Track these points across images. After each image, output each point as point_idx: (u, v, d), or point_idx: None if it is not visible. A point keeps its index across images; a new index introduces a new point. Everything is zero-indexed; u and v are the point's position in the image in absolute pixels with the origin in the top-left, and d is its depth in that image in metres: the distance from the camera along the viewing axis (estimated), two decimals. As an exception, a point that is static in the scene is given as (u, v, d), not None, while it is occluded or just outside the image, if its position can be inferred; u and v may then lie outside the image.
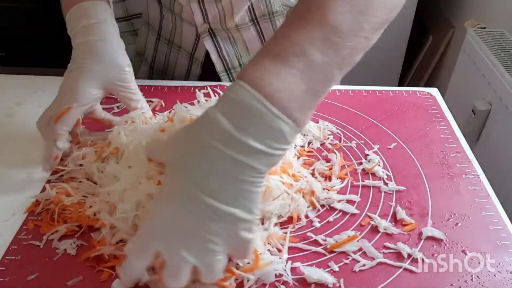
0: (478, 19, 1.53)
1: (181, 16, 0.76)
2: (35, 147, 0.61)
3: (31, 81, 0.78)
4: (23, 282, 0.45)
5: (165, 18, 0.79)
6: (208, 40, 0.76)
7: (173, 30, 0.79)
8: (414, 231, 0.52)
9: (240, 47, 0.78)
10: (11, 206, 0.54)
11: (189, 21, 0.76)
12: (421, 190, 0.58)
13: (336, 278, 0.46)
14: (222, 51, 0.77)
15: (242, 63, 0.79)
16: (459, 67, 1.40)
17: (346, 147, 0.65)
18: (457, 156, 0.63)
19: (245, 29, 0.76)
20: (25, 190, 0.56)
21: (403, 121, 0.70)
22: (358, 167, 0.61)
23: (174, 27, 0.79)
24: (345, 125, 0.68)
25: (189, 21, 0.76)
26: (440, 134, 0.67)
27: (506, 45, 1.25)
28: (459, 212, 0.55)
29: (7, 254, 0.48)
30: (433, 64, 1.85)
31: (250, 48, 0.78)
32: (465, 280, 0.47)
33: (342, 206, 0.55)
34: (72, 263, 0.47)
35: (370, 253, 0.49)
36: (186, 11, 0.74)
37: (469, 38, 1.32)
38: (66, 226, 0.50)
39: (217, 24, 0.74)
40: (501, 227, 0.53)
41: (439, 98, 0.76)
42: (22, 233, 0.50)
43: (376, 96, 0.76)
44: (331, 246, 0.50)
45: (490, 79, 1.19)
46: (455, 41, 1.73)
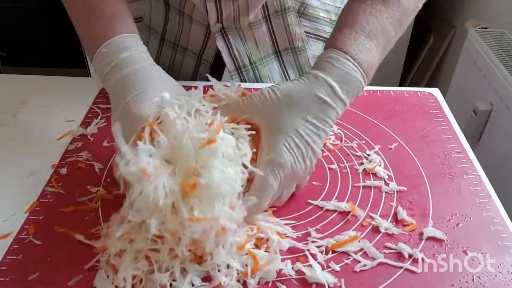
0: (479, 19, 1.53)
1: (191, 16, 0.76)
2: (37, 147, 0.62)
3: (35, 81, 0.78)
4: (24, 281, 0.45)
5: (170, 20, 0.79)
6: (220, 39, 0.75)
7: (179, 32, 0.79)
8: (415, 231, 0.52)
9: (251, 45, 0.78)
10: (12, 206, 0.54)
11: (200, 21, 0.75)
12: (422, 190, 0.58)
13: (337, 278, 0.46)
14: (233, 50, 0.77)
15: (253, 61, 0.79)
16: (460, 67, 1.40)
17: (347, 147, 0.65)
18: (458, 156, 0.63)
19: (257, 27, 0.76)
20: (26, 190, 0.56)
21: (404, 121, 0.70)
22: (359, 167, 0.61)
23: (181, 29, 0.78)
24: (346, 125, 0.68)
25: (199, 21, 0.76)
26: (441, 134, 0.67)
27: (507, 45, 1.24)
28: (460, 212, 0.55)
29: (8, 253, 0.48)
30: (434, 64, 1.85)
31: (260, 45, 0.78)
32: (466, 280, 0.47)
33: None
34: (73, 263, 0.47)
35: (371, 253, 0.49)
36: (198, 11, 0.74)
37: (470, 38, 1.32)
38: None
39: (230, 23, 0.74)
40: (502, 227, 0.53)
41: (440, 98, 0.76)
42: (23, 233, 0.50)
43: (377, 96, 0.76)
44: (332, 246, 0.50)
45: (491, 79, 1.19)
46: (456, 41, 1.73)
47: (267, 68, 0.80)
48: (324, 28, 0.80)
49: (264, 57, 0.79)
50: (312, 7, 0.77)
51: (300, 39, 0.78)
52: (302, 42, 0.78)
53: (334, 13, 0.79)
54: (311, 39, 0.80)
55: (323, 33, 0.80)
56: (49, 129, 0.66)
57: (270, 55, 0.79)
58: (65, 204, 0.54)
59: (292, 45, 0.79)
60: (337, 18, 0.74)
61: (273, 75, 0.81)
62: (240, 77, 0.79)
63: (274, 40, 0.78)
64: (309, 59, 0.80)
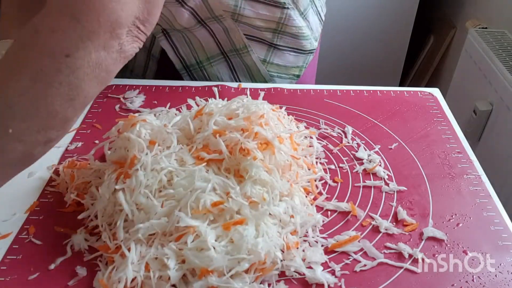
0: (480, 19, 1.53)
1: None
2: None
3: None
4: (24, 281, 0.45)
5: None
6: (163, 40, 0.76)
7: None
8: (415, 231, 0.52)
9: (196, 46, 0.78)
10: (12, 206, 0.54)
11: None
12: (422, 190, 0.58)
13: (337, 278, 0.46)
14: (179, 50, 0.77)
15: (199, 61, 0.79)
16: (461, 68, 1.40)
17: (347, 147, 0.65)
18: (458, 157, 0.63)
19: (196, 30, 0.75)
20: (26, 190, 0.56)
21: (404, 121, 0.70)
22: (359, 167, 0.61)
23: None
24: (346, 125, 0.68)
25: None
26: (441, 135, 0.67)
27: (508, 45, 1.24)
28: (460, 212, 0.55)
29: (8, 253, 0.48)
30: (434, 64, 1.84)
31: (206, 46, 0.78)
32: (466, 280, 0.47)
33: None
34: (73, 263, 0.47)
35: (371, 253, 0.49)
36: None
37: (471, 38, 1.32)
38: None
39: (167, 25, 0.74)
40: (502, 227, 0.53)
41: (440, 98, 0.76)
42: (23, 233, 0.50)
43: (377, 96, 0.76)
44: (332, 246, 0.50)
45: (491, 80, 1.19)
46: (456, 41, 1.73)
47: (215, 68, 0.80)
48: (265, 34, 0.76)
49: (210, 58, 0.79)
50: (245, 17, 0.73)
51: (241, 42, 0.76)
52: (244, 45, 0.77)
53: (275, 22, 0.75)
54: (253, 42, 0.77)
55: (265, 38, 0.77)
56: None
57: (217, 55, 0.79)
58: (65, 204, 0.54)
59: (235, 47, 0.78)
60: (282, 28, 0.75)
61: (222, 75, 0.81)
62: (189, 75, 0.80)
63: (218, 42, 0.77)
64: (254, 61, 0.78)
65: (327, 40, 1.74)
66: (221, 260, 0.44)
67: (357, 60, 1.81)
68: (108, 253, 0.47)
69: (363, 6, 1.69)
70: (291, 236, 0.49)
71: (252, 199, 0.48)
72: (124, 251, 0.45)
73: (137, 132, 0.53)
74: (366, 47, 1.78)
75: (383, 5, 1.69)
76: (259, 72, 0.79)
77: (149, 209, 0.47)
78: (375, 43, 1.77)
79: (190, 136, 0.56)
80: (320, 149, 0.64)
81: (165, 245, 0.46)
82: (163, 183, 0.49)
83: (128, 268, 0.44)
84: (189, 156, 0.52)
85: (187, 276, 0.45)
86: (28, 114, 0.42)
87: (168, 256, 0.45)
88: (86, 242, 0.49)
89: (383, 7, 1.70)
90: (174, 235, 0.46)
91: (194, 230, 0.45)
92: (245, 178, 0.50)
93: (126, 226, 0.48)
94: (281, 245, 0.47)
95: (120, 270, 0.44)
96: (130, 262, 0.44)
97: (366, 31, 1.74)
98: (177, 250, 0.45)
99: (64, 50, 0.42)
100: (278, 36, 0.76)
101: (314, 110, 0.71)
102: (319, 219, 0.52)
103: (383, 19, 1.72)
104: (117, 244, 0.46)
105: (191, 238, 0.45)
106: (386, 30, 1.74)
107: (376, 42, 1.77)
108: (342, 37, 1.74)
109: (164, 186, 0.49)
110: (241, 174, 0.51)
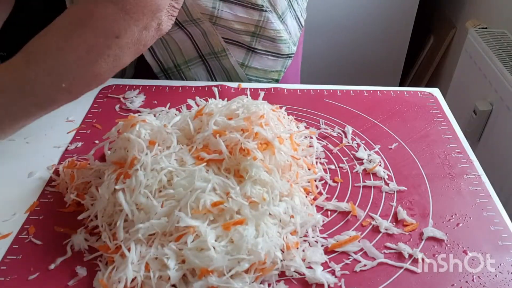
0: (480, 19, 1.53)
1: None
2: (37, 147, 0.62)
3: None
4: (24, 281, 0.45)
5: None
6: None
7: None
8: (415, 231, 0.52)
9: (174, 49, 0.78)
10: (12, 206, 0.54)
11: None
12: (422, 190, 0.58)
13: (337, 278, 0.46)
14: (156, 53, 0.77)
15: (177, 64, 0.79)
16: (461, 68, 1.40)
17: (347, 147, 0.65)
18: (458, 157, 0.63)
19: (174, 32, 0.75)
20: (26, 190, 0.56)
21: (404, 121, 0.70)
22: (359, 167, 0.61)
23: None
24: (346, 125, 0.68)
25: None
26: (441, 134, 0.67)
27: (508, 45, 1.24)
28: (460, 212, 0.55)
29: (8, 253, 0.48)
30: (434, 64, 1.84)
31: (184, 49, 0.78)
32: (466, 280, 0.47)
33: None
34: (73, 263, 0.47)
35: (371, 253, 0.49)
36: None
37: (471, 38, 1.32)
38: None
39: None
40: (502, 227, 0.53)
41: (440, 98, 0.76)
42: (23, 233, 0.50)
43: (377, 96, 0.76)
44: (332, 246, 0.50)
45: (491, 80, 1.19)
46: (456, 41, 1.73)
47: (193, 72, 0.80)
48: (243, 37, 0.76)
49: (188, 61, 0.79)
50: (223, 19, 0.73)
51: (219, 45, 0.76)
52: (222, 48, 0.77)
53: (253, 25, 0.75)
54: (232, 45, 0.77)
55: (243, 41, 0.77)
56: (49, 129, 0.66)
57: (195, 59, 0.79)
58: (65, 204, 0.54)
59: (213, 51, 0.78)
60: (261, 31, 0.75)
61: (200, 78, 0.81)
62: (167, 79, 0.80)
63: (196, 46, 0.78)
64: (233, 64, 0.78)
65: (327, 40, 1.74)
66: (221, 260, 0.44)
67: (357, 60, 1.81)
68: (108, 253, 0.47)
69: (363, 6, 1.69)
70: (291, 236, 0.49)
71: (252, 199, 0.48)
72: (124, 251, 0.45)
73: (137, 132, 0.53)
74: (366, 47, 1.78)
75: (383, 5, 1.69)
76: (237, 76, 0.80)
77: (149, 209, 0.47)
78: (375, 43, 1.77)
79: (190, 136, 0.56)
80: (320, 149, 0.64)
81: (165, 245, 0.46)
82: (163, 183, 0.49)
83: (128, 268, 0.44)
84: (189, 156, 0.52)
85: (187, 276, 0.45)
86: (79, 75, 0.54)
87: (168, 256, 0.45)
88: (86, 242, 0.49)
89: (383, 7, 1.70)
90: (174, 235, 0.46)
91: (194, 230, 0.45)
92: (245, 178, 0.50)
93: (126, 226, 0.48)
94: (281, 245, 0.47)
95: (120, 270, 0.44)
96: (130, 262, 0.44)
97: (366, 31, 1.74)
98: (177, 250, 0.45)
99: (115, 33, 0.53)
100: (256, 39, 0.77)
101: (314, 110, 0.71)
102: (319, 219, 0.52)
103: (383, 19, 1.72)
104: (117, 244, 0.46)
105: (191, 238, 0.45)
106: (386, 30, 1.74)
107: (376, 42, 1.77)
108: (342, 37, 1.74)
109: (164, 186, 0.49)
110: (241, 174, 0.51)
